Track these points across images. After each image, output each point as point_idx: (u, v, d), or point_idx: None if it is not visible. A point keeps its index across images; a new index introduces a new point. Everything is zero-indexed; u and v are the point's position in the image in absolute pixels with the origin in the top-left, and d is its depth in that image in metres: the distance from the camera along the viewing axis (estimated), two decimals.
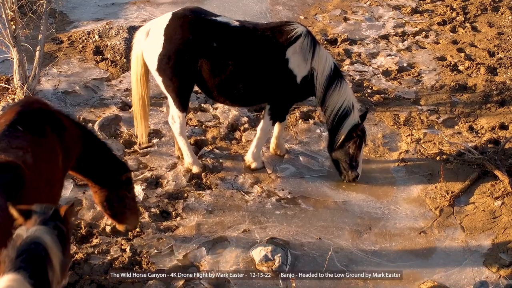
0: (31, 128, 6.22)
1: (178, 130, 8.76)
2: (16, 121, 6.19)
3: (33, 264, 4.29)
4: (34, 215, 4.57)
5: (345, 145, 8.70)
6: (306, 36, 8.49)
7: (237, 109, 10.30)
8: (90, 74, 11.25)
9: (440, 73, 11.78)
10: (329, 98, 8.66)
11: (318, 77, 8.54)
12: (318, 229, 8.23)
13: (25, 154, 5.90)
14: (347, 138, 8.68)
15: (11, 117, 6.24)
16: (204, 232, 8.06)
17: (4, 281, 4.16)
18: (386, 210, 8.63)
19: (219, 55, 8.29)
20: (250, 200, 8.62)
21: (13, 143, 5.94)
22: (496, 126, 10.13)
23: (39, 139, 6.21)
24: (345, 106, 8.65)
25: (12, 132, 6.07)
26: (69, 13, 13.67)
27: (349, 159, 8.78)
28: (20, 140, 6.02)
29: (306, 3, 14.62)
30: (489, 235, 8.20)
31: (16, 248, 4.31)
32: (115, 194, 7.25)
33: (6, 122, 6.17)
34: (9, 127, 6.11)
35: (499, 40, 12.90)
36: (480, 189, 8.90)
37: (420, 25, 13.61)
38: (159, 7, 13.96)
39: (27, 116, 6.30)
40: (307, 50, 8.44)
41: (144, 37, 8.49)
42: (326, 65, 8.58)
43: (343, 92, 8.65)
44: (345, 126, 8.67)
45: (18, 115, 6.25)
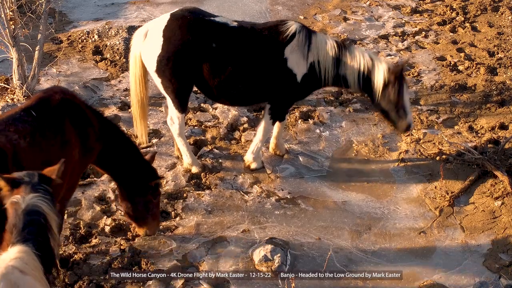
0: (44, 116, 6.30)
1: (177, 131, 8.74)
2: (32, 106, 6.33)
3: (39, 235, 4.63)
4: (22, 183, 4.82)
5: (385, 93, 8.46)
6: (300, 32, 8.45)
7: (236, 109, 10.29)
8: (90, 74, 11.24)
9: (440, 73, 11.77)
10: (344, 72, 8.51)
11: (322, 65, 8.45)
12: (318, 229, 8.21)
13: (20, 138, 5.95)
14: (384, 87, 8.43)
15: (30, 102, 6.41)
16: (204, 232, 8.04)
17: (15, 252, 4.48)
18: (386, 210, 8.62)
19: (218, 55, 8.26)
20: (250, 200, 8.60)
21: (16, 126, 6.02)
22: (496, 126, 10.11)
23: (49, 128, 6.27)
24: (363, 66, 8.44)
25: (23, 116, 6.18)
26: (68, 13, 13.67)
27: (394, 107, 8.50)
28: (25, 125, 6.10)
29: (305, 3, 14.60)
30: (489, 235, 8.18)
31: (21, 218, 4.62)
32: (141, 198, 7.33)
33: (23, 106, 6.35)
34: (23, 111, 6.25)
35: (499, 40, 12.89)
36: (480, 189, 8.88)
37: (420, 25, 13.60)
38: (158, 7, 13.95)
39: (45, 103, 6.42)
40: (303, 46, 8.41)
41: (142, 38, 8.46)
42: (327, 48, 8.48)
43: (354, 58, 8.46)
44: (376, 80, 8.43)
45: (37, 101, 6.41)
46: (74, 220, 8.05)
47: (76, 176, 6.84)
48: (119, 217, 8.11)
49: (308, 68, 8.49)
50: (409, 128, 8.73)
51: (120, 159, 7.19)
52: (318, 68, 8.48)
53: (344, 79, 8.58)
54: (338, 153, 9.70)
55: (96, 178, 8.78)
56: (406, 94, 8.55)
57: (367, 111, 10.60)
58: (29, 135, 6.05)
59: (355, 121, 10.36)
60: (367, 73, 8.45)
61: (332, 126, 10.24)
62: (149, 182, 7.33)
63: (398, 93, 8.42)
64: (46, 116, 6.31)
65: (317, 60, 8.47)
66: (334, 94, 10.99)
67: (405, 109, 8.55)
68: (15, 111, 6.26)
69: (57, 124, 6.38)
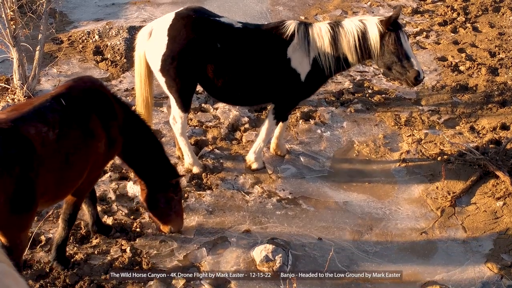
0: (73, 105, 6.35)
1: (180, 131, 8.72)
2: (62, 94, 6.36)
3: None
4: None
5: (383, 47, 8.27)
6: (299, 29, 8.40)
7: (237, 109, 10.27)
8: (90, 74, 11.18)
9: (441, 73, 11.75)
10: (344, 51, 8.37)
11: (322, 54, 8.37)
12: (319, 230, 8.20)
13: (48, 131, 5.99)
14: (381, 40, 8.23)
15: (60, 90, 6.44)
16: (205, 232, 8.02)
17: None
18: (387, 211, 8.59)
19: (223, 56, 8.24)
20: (251, 201, 8.58)
21: (46, 116, 6.05)
22: (498, 127, 10.09)
23: (76, 118, 6.32)
24: (356, 32, 8.28)
25: (53, 105, 6.21)
26: (69, 13, 13.67)
27: (396, 58, 8.27)
28: (55, 115, 6.13)
29: (306, 4, 14.60)
30: (491, 235, 8.17)
31: None
32: (162, 195, 7.41)
33: (52, 94, 6.36)
34: (53, 99, 6.27)
35: (500, 40, 12.88)
36: (481, 190, 8.86)
37: (421, 25, 13.59)
38: (159, 7, 13.95)
39: (74, 92, 6.47)
40: (304, 43, 8.37)
41: (146, 37, 8.43)
42: (323, 35, 8.36)
43: (347, 30, 8.32)
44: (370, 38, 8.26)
45: (67, 90, 6.44)
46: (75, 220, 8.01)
47: (99, 169, 6.91)
48: (120, 217, 8.09)
49: (312, 64, 8.43)
50: (419, 76, 8.30)
51: (143, 153, 7.25)
52: (320, 60, 8.42)
53: (345, 59, 8.44)
54: (339, 154, 9.68)
55: None
56: (405, 41, 8.30)
57: (368, 111, 10.59)
58: (58, 126, 6.08)
59: (356, 122, 10.34)
60: (361, 37, 8.28)
61: (333, 126, 10.22)
62: (170, 180, 7.39)
63: (395, 41, 8.20)
64: (75, 106, 6.35)
65: (317, 52, 8.41)
66: (335, 95, 10.98)
67: (409, 57, 8.27)
68: (45, 98, 6.26)
69: (85, 115, 6.41)
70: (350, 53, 8.36)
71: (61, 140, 6.07)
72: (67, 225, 7.04)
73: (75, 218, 7.13)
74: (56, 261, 7.15)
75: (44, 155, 5.87)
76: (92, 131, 6.44)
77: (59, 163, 6.06)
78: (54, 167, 6.02)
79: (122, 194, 8.53)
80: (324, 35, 8.36)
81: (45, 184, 5.95)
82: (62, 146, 6.07)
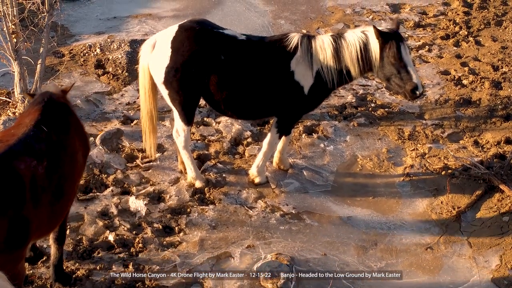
0: (53, 129, 6.13)
1: (183, 144, 8.66)
2: (41, 120, 6.10)
3: None
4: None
5: (383, 58, 8.14)
6: (302, 42, 8.35)
7: (240, 123, 10.21)
8: (92, 88, 11.18)
9: (444, 87, 11.71)
10: (347, 63, 8.28)
11: (324, 67, 8.30)
12: (323, 245, 8.12)
13: (38, 164, 5.79)
14: (381, 51, 8.13)
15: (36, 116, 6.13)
16: (208, 247, 7.94)
17: None
18: (392, 226, 8.52)
19: (227, 68, 8.19)
20: (254, 215, 8.51)
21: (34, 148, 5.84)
22: (502, 141, 10.03)
23: (60, 142, 6.15)
24: (358, 44, 8.19)
25: (37, 133, 5.98)
26: (70, 26, 13.64)
27: (396, 70, 8.16)
28: (41, 145, 5.92)
29: (308, 17, 14.59)
30: (497, 251, 8.08)
31: None
32: None
33: (31, 122, 6.07)
34: (34, 127, 6.02)
35: (503, 54, 12.85)
36: (486, 205, 8.79)
37: (423, 39, 13.57)
38: (160, 21, 13.94)
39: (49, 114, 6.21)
40: (307, 56, 8.31)
41: (150, 49, 8.39)
42: (326, 47, 8.30)
43: (349, 42, 8.23)
44: (372, 49, 8.16)
45: (42, 113, 6.16)
46: (77, 236, 7.95)
47: (79, 180, 6.75)
48: (122, 232, 8.01)
49: (315, 77, 8.37)
50: (416, 89, 8.19)
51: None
52: (323, 73, 8.35)
53: (347, 71, 8.35)
54: (342, 168, 9.62)
55: (99, 193, 8.69)
56: (406, 54, 8.19)
57: (372, 125, 10.53)
58: (46, 157, 5.90)
59: (359, 136, 10.28)
60: (363, 48, 8.20)
61: (337, 140, 10.16)
62: None
63: (396, 53, 8.09)
64: (55, 129, 6.16)
65: (320, 65, 8.34)
66: (338, 109, 10.93)
67: (408, 70, 8.14)
68: (27, 128, 5.99)
69: (65, 134, 6.27)
70: (353, 65, 8.29)
71: (50, 171, 5.92)
72: (58, 244, 6.92)
73: (65, 235, 7.00)
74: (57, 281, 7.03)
75: (35, 190, 5.72)
76: (73, 146, 6.35)
77: (50, 195, 5.93)
78: (46, 201, 5.88)
79: (124, 209, 8.46)
80: (327, 48, 8.30)
81: (38, 219, 5.80)
82: (52, 178, 5.93)
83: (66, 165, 6.16)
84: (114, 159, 9.34)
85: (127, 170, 9.20)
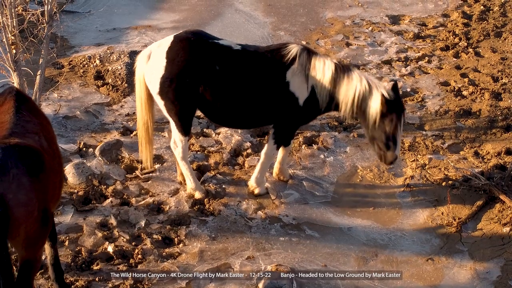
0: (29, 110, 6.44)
1: (181, 155, 8.63)
2: (18, 107, 6.33)
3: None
4: None
5: (381, 124, 8.16)
6: (301, 54, 8.32)
7: (239, 134, 10.19)
8: (91, 99, 11.17)
9: (444, 98, 11.70)
10: (339, 97, 8.26)
11: (319, 90, 8.29)
12: (324, 256, 8.08)
13: (40, 138, 6.13)
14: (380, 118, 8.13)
15: (12, 105, 6.35)
16: (208, 259, 7.90)
17: None
18: (392, 237, 8.48)
19: (222, 78, 8.18)
20: (254, 226, 8.47)
21: (27, 128, 6.14)
22: (502, 152, 10.01)
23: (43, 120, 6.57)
24: (358, 92, 8.15)
25: (23, 117, 6.26)
26: (70, 37, 13.64)
27: (385, 137, 8.23)
28: (31, 125, 6.23)
29: (308, 28, 14.60)
30: (498, 262, 8.04)
31: None
32: None
33: (11, 109, 6.31)
34: (17, 113, 6.26)
35: (502, 65, 12.84)
36: (487, 215, 8.76)
37: (423, 50, 13.58)
38: (160, 32, 13.94)
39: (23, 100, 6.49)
40: (304, 69, 8.30)
41: (145, 60, 8.40)
42: (325, 70, 8.27)
43: (351, 82, 8.20)
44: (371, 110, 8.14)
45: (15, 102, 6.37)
46: (76, 247, 7.90)
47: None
48: (121, 244, 7.97)
49: (310, 91, 8.36)
50: (395, 160, 8.44)
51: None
52: (317, 89, 8.33)
53: (336, 105, 8.39)
54: (342, 179, 9.59)
55: (98, 204, 8.66)
56: (401, 126, 8.29)
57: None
58: (42, 135, 6.21)
59: (359, 147, 10.26)
60: (361, 100, 8.19)
61: (337, 151, 10.14)
62: None
63: (393, 126, 8.17)
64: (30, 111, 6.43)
65: (315, 83, 8.34)
66: (338, 119, 10.90)
67: (396, 141, 8.28)
68: (10, 114, 6.19)
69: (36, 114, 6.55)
70: (345, 105, 8.27)
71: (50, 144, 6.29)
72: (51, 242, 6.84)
73: (55, 232, 6.96)
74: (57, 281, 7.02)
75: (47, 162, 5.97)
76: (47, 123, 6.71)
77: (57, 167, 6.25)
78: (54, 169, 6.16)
79: (123, 220, 8.42)
80: (327, 70, 8.26)
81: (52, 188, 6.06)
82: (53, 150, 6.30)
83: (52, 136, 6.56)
84: (113, 170, 9.31)
85: (127, 181, 9.17)
